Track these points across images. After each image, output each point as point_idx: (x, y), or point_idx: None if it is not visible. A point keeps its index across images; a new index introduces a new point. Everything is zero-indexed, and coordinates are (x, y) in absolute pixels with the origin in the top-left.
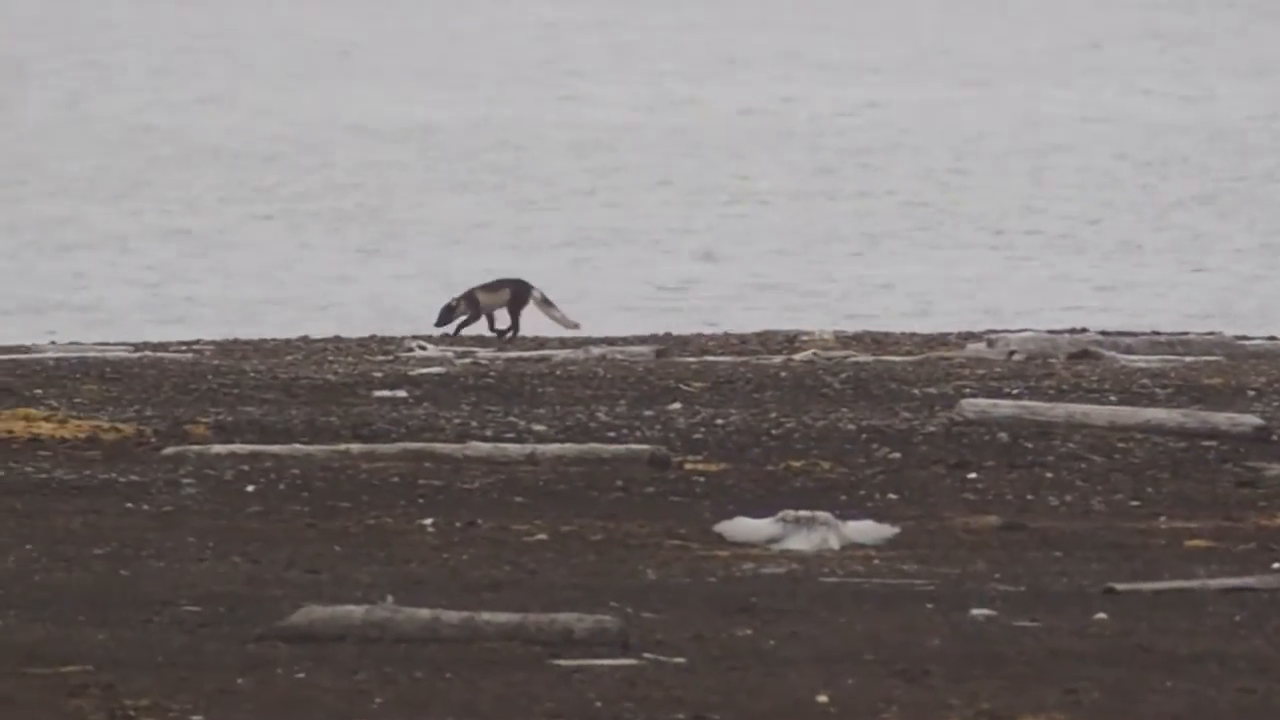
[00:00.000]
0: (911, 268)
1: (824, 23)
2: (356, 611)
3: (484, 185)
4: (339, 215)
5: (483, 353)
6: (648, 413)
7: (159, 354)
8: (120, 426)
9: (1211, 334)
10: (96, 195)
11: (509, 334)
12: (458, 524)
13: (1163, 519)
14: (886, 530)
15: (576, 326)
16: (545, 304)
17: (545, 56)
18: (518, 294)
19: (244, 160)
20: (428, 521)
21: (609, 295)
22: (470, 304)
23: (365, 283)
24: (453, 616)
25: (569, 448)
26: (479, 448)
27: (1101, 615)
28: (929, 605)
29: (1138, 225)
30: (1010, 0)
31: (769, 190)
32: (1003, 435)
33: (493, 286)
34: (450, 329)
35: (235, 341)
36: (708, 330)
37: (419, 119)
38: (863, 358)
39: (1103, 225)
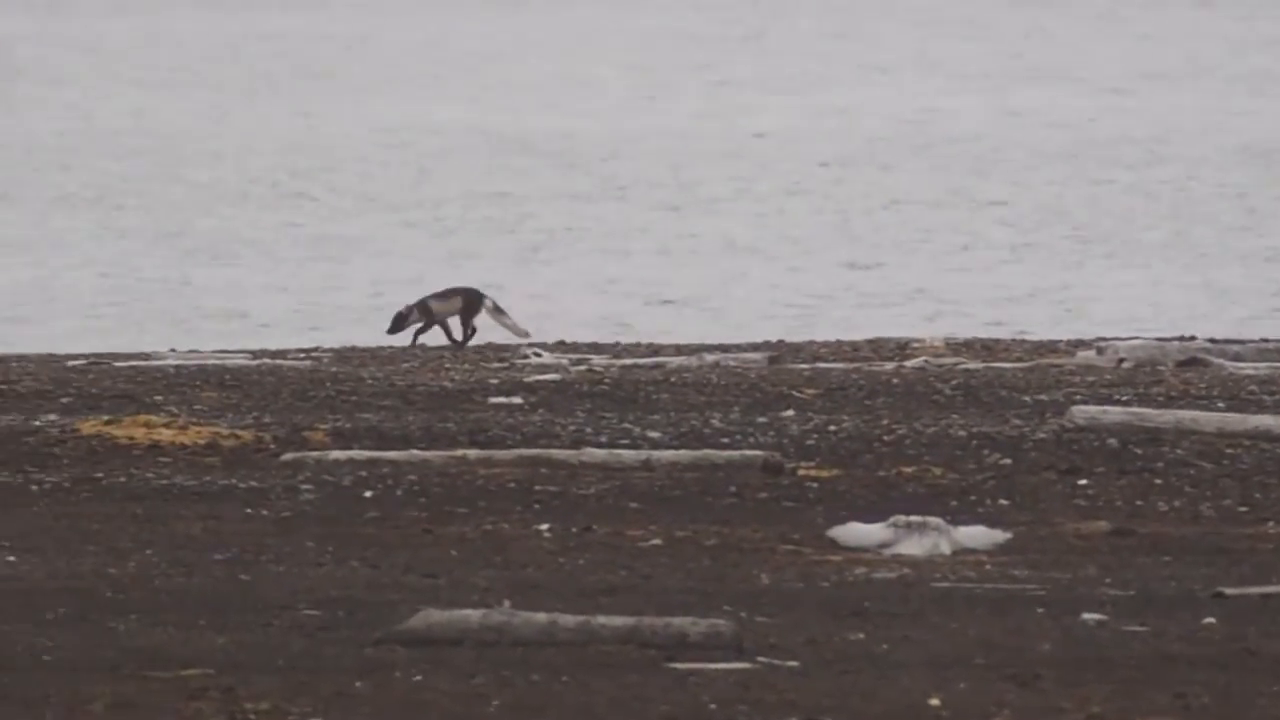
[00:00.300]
0: (1057, 275)
1: (965, 32)
2: (474, 615)
3: (632, 194)
4: (487, 223)
5: (597, 359)
6: (761, 419)
7: (277, 361)
8: (239, 433)
9: None
10: (246, 203)
11: (463, 343)
12: (574, 529)
13: (1271, 524)
14: (998, 535)
15: (527, 335)
16: (497, 312)
17: (694, 65)
18: (470, 303)
19: (390, 168)
20: (544, 527)
21: (757, 302)
22: (423, 312)
23: (515, 289)
24: (569, 620)
25: (683, 454)
26: (594, 454)
27: (1211, 620)
28: (1040, 610)
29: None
30: (1148, 10)
31: (911, 198)
32: (1112, 441)
33: (445, 295)
34: (405, 336)
35: (353, 349)
36: (849, 336)
37: (563, 127)
38: (973, 365)
39: (1246, 233)
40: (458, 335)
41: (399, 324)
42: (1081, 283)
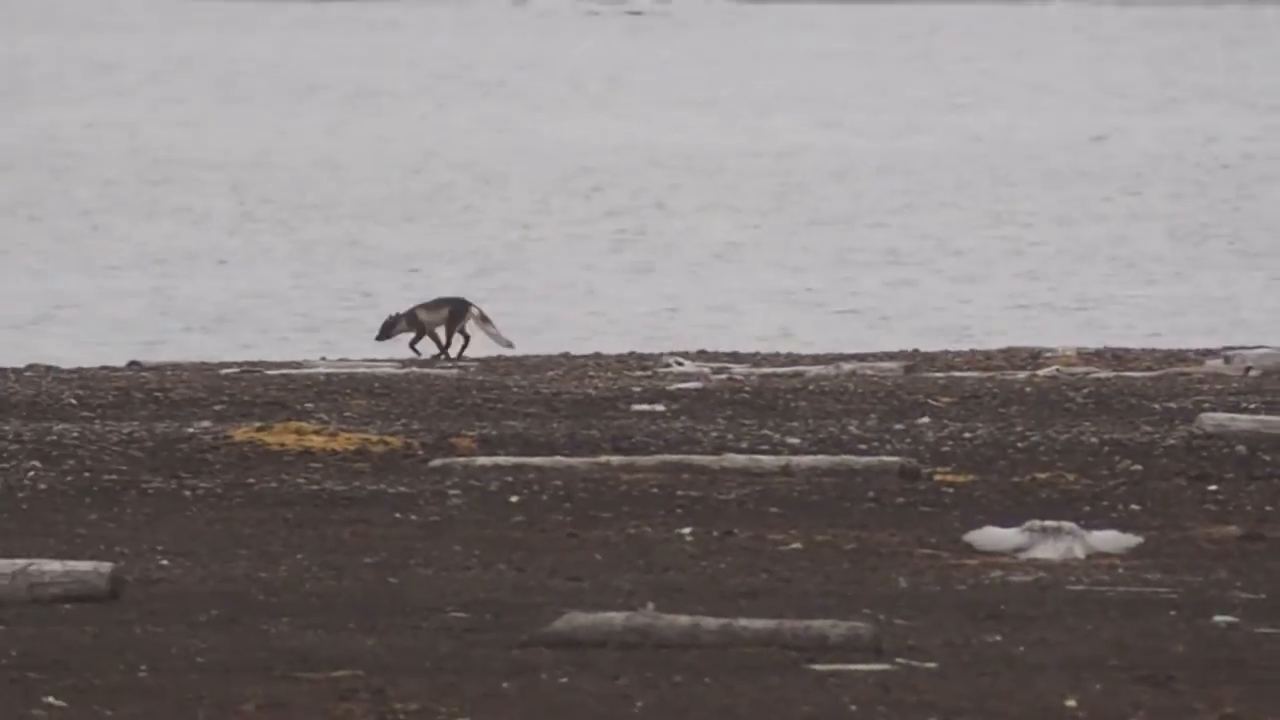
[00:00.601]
0: (1215, 288)
1: (1127, 52)
2: (618, 618)
3: (801, 209)
4: (618, 237)
5: (738, 368)
6: (898, 426)
7: (425, 370)
8: (389, 439)
9: None
10: (384, 218)
11: (445, 351)
12: (715, 533)
13: None
14: (1130, 540)
15: (510, 345)
16: (483, 321)
17: (863, 84)
18: (455, 312)
19: (532, 184)
20: (686, 531)
21: (924, 312)
22: (411, 322)
23: (643, 301)
24: (711, 623)
25: (822, 459)
26: (735, 459)
27: None
28: (1172, 612)
29: None
30: None
31: (1074, 213)
32: (1241, 448)
33: (433, 305)
34: (392, 342)
35: (499, 358)
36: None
37: (689, 145)
38: (1104, 373)
39: None
40: (449, 343)
41: (387, 330)
42: (1239, 295)
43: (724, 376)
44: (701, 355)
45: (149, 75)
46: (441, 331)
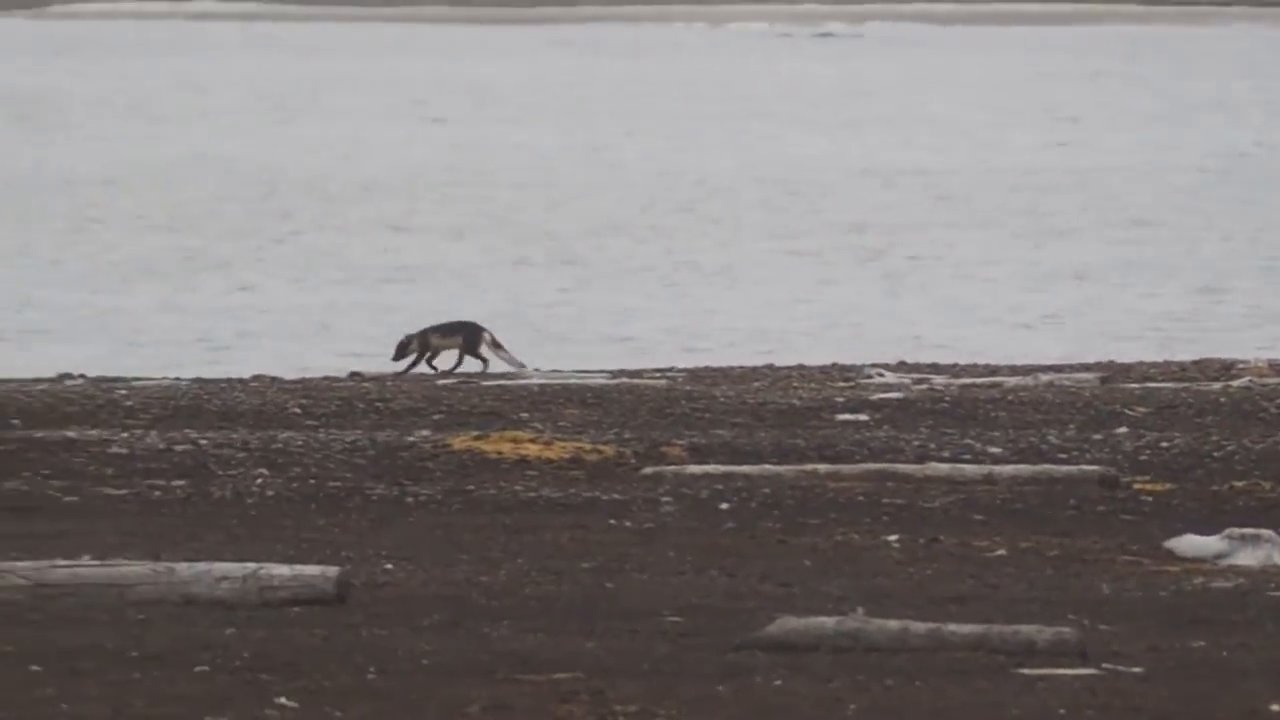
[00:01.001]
0: None
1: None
2: (828, 622)
3: (990, 224)
4: (853, 252)
5: (938, 379)
6: (1096, 436)
7: (635, 380)
8: (601, 448)
9: None
10: (629, 233)
11: (454, 369)
12: (921, 540)
13: None
14: None
15: (523, 366)
16: (495, 346)
17: (1041, 104)
18: (469, 338)
19: (758, 198)
20: (892, 537)
21: (1114, 325)
22: (422, 344)
23: (877, 314)
24: (920, 627)
25: (1023, 468)
26: (938, 468)
27: None
28: None
29: None
30: None
31: (1254, 225)
32: None
33: (446, 330)
34: (401, 366)
35: (706, 369)
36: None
37: (918, 163)
38: None
39: None
40: (459, 364)
41: (401, 351)
42: None
43: (924, 387)
44: (902, 366)
45: (414, 98)
46: (452, 355)
